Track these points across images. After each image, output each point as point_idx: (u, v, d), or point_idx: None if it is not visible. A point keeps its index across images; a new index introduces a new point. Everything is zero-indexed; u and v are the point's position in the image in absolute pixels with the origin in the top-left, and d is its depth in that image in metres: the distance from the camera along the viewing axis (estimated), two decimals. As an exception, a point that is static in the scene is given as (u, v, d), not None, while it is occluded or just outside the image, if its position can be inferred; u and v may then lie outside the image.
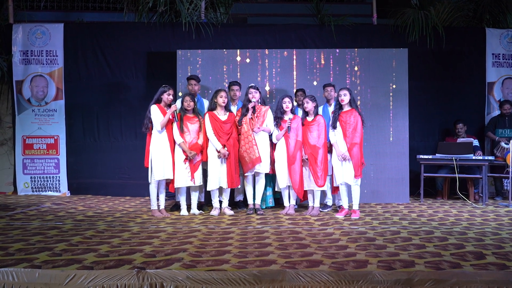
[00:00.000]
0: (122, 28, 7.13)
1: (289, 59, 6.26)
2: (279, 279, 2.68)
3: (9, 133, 7.22)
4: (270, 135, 5.35)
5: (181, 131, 5.09)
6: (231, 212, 5.27)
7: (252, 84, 5.40)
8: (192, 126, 5.17)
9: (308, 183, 5.20)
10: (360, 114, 5.05)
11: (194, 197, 5.27)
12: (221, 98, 5.17)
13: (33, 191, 6.97)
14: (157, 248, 3.44)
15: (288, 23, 7.23)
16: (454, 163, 6.06)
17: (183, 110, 5.20)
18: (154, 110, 5.03)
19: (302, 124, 5.23)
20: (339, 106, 5.10)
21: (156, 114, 5.01)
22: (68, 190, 6.98)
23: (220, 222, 4.69)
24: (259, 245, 3.56)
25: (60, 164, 6.99)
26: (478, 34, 7.23)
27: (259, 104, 5.36)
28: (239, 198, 5.73)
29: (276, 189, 5.48)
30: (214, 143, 5.14)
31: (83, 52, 7.07)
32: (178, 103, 5.33)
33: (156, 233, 4.06)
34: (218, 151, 5.11)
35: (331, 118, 5.20)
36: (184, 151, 5.07)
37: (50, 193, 6.96)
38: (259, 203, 5.41)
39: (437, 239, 3.81)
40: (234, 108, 5.56)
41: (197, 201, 5.33)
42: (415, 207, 5.77)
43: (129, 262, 3.01)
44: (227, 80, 6.04)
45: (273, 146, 5.35)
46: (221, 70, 6.24)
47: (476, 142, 6.71)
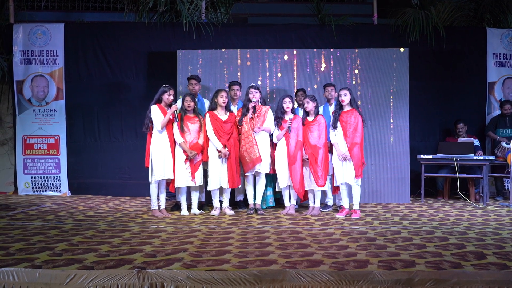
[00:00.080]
0: (123, 28, 7.13)
1: (290, 59, 6.26)
2: (280, 279, 2.68)
3: (10, 133, 7.23)
4: (271, 135, 5.35)
5: (182, 131, 5.09)
6: (232, 212, 5.28)
7: (253, 84, 5.40)
8: (193, 126, 5.17)
9: (309, 183, 5.20)
10: (361, 114, 5.05)
11: (195, 197, 5.27)
12: (222, 98, 5.17)
13: (34, 191, 6.98)
14: (158, 248, 3.44)
15: (289, 23, 7.23)
16: (455, 163, 6.06)
17: (184, 110, 5.20)
18: (155, 110, 5.03)
19: (303, 124, 5.23)
20: (340, 106, 5.11)
21: (157, 114, 5.02)
22: (69, 190, 6.98)
23: (221, 222, 4.69)
24: (260, 245, 3.56)
25: (61, 164, 7.00)
26: (479, 34, 7.23)
27: (260, 104, 5.36)
28: (240, 198, 5.73)
29: (277, 189, 5.47)
30: (215, 143, 5.14)
31: (84, 52, 7.07)
32: (179, 103, 5.33)
33: (157, 233, 4.06)
34: (219, 151, 5.11)
35: (332, 118, 5.20)
36: (185, 151, 5.07)
37: (51, 193, 6.96)
38: (260, 203, 5.41)
39: (438, 239, 3.80)
40: (234, 108, 5.55)
41: (198, 201, 5.33)
42: (416, 207, 5.77)
43: (130, 262, 3.01)
44: (228, 80, 6.04)
45: (274, 146, 5.35)
46: (222, 70, 6.25)
47: (477, 142, 6.70)
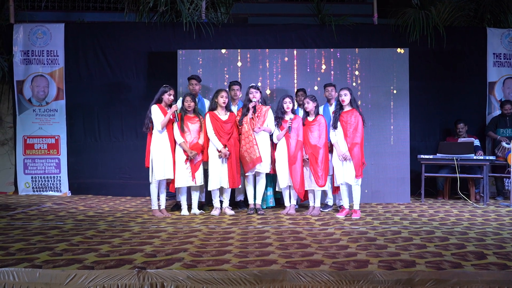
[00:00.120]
0: (123, 28, 7.13)
1: (290, 59, 6.26)
2: (280, 279, 2.68)
3: (10, 133, 7.24)
4: (271, 135, 5.35)
5: (182, 131, 5.09)
6: (232, 212, 5.27)
7: (253, 84, 5.40)
8: (193, 126, 5.17)
9: (309, 183, 5.19)
10: (361, 114, 5.05)
11: (195, 197, 5.26)
12: (222, 98, 5.17)
13: (34, 191, 6.98)
14: (158, 248, 3.44)
15: (289, 23, 7.23)
16: (455, 163, 6.06)
17: (184, 110, 5.20)
18: (155, 110, 5.03)
19: (303, 124, 5.23)
20: (340, 106, 5.11)
21: (157, 114, 5.02)
22: (69, 190, 6.98)
23: (221, 222, 4.69)
24: (260, 245, 3.56)
25: (61, 164, 7.00)
26: (479, 34, 7.23)
27: (260, 104, 5.36)
28: (240, 198, 5.73)
29: (277, 189, 5.47)
30: (215, 143, 5.14)
31: (84, 52, 7.07)
32: (179, 103, 5.33)
33: (157, 233, 4.06)
34: (219, 151, 5.11)
35: (332, 118, 5.19)
36: (185, 151, 5.07)
37: (51, 193, 6.97)
38: (260, 203, 5.41)
39: (438, 239, 3.80)
40: (235, 108, 5.55)
41: (198, 201, 5.33)
42: (416, 207, 5.76)
43: (130, 262, 3.01)
44: (228, 80, 6.03)
45: (274, 146, 5.35)
46: (222, 70, 6.24)
47: (477, 142, 6.69)
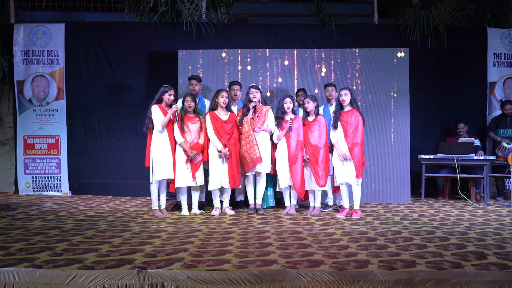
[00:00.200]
0: (123, 28, 7.13)
1: (290, 59, 6.26)
2: (280, 279, 2.68)
3: (11, 133, 7.24)
4: (271, 135, 5.35)
5: (182, 131, 5.09)
6: (232, 212, 5.27)
7: (253, 84, 5.40)
8: (193, 126, 5.17)
9: (309, 183, 5.19)
10: (361, 114, 5.05)
11: (195, 197, 5.27)
12: (222, 98, 5.17)
13: (34, 191, 6.98)
14: (158, 248, 3.44)
15: (289, 23, 7.23)
16: (456, 163, 6.05)
17: (184, 110, 5.20)
18: (155, 110, 5.03)
19: (303, 124, 5.23)
20: (340, 106, 5.11)
21: (157, 114, 5.02)
22: (69, 190, 6.98)
23: (221, 222, 4.69)
24: (260, 245, 3.56)
25: (61, 164, 7.00)
26: (480, 34, 7.23)
27: (260, 104, 5.36)
28: (240, 198, 5.72)
29: (277, 189, 5.47)
30: (215, 143, 5.14)
31: (84, 52, 7.08)
32: (179, 103, 5.33)
33: (157, 233, 4.06)
34: (219, 151, 5.11)
35: (332, 118, 5.19)
36: (185, 151, 5.07)
37: (51, 193, 6.97)
38: (260, 203, 5.41)
39: (438, 239, 3.80)
40: (235, 108, 5.55)
41: (198, 201, 5.33)
42: (416, 207, 5.76)
43: (130, 262, 3.01)
44: (228, 80, 6.03)
45: (274, 146, 5.34)
46: (222, 70, 6.25)
47: (478, 142, 6.69)
